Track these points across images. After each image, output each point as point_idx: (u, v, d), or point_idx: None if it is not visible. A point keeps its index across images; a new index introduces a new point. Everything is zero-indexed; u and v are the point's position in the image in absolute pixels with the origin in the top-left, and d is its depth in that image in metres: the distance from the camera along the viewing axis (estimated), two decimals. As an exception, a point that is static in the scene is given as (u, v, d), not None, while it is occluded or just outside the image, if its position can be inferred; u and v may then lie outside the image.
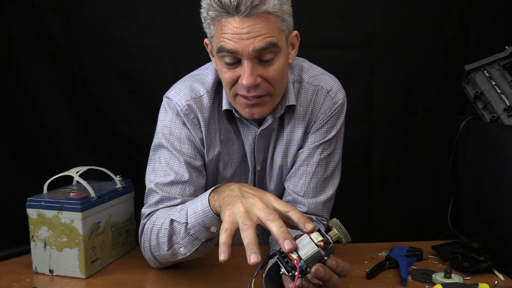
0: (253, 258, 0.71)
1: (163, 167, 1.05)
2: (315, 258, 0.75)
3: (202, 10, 0.96)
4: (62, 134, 1.75)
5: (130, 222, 1.18)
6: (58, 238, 1.01)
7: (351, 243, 0.81)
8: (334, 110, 1.11)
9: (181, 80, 1.13)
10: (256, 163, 1.13)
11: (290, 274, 0.74)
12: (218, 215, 0.85)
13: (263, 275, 0.88)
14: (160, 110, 1.11)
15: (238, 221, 0.76)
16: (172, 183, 1.04)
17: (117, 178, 1.15)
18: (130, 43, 1.71)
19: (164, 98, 1.11)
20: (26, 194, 1.04)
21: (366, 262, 1.08)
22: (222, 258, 0.73)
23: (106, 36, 1.70)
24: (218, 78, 1.07)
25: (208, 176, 1.11)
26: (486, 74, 1.15)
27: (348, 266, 0.80)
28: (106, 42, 1.70)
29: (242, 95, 0.99)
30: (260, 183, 1.17)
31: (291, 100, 1.08)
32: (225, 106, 1.06)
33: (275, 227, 0.74)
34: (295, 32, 1.03)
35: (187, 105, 1.06)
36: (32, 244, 1.04)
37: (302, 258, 0.74)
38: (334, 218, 0.79)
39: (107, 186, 1.13)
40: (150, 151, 1.10)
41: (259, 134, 1.09)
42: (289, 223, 0.78)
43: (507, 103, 1.10)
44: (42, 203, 1.01)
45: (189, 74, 1.14)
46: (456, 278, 0.95)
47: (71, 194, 1.02)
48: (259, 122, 1.09)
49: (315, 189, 1.12)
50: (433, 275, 0.97)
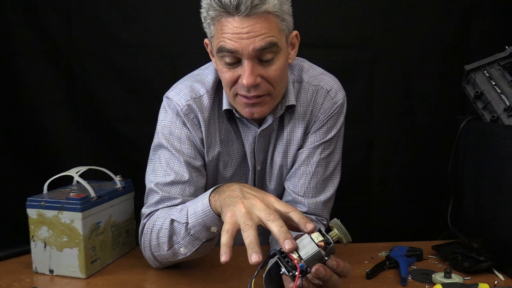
0: (254, 257, 0.71)
1: (163, 167, 1.05)
2: (316, 258, 0.75)
3: (202, 10, 0.96)
4: (62, 134, 1.75)
5: (130, 222, 1.18)
6: (58, 238, 1.01)
7: (351, 243, 0.81)
8: (334, 110, 1.11)
9: (181, 80, 1.13)
10: (256, 163, 1.13)
11: (291, 274, 0.74)
12: (218, 215, 0.85)
13: (263, 275, 0.88)
14: (160, 110, 1.11)
15: (239, 221, 0.76)
16: (172, 183, 1.04)
17: (117, 178, 1.15)
18: (130, 43, 1.71)
19: (164, 98, 1.11)
20: (26, 194, 1.04)
21: (366, 262, 1.08)
22: (224, 259, 0.73)
23: (106, 36, 1.70)
24: (218, 78, 1.07)
25: (208, 176, 1.11)
26: (486, 74, 1.15)
27: (348, 266, 0.80)
28: (106, 42, 1.70)
29: (242, 95, 0.99)
30: (260, 183, 1.17)
31: (291, 100, 1.08)
32: (225, 106, 1.06)
33: (276, 227, 0.74)
34: (295, 32, 1.02)
35: (187, 105, 1.06)
36: (32, 244, 1.04)
37: (303, 258, 0.74)
38: (335, 218, 0.79)
39: (107, 186, 1.13)
40: (150, 151, 1.10)
41: (259, 134, 1.09)
42: (289, 224, 0.78)
43: (507, 103, 1.10)
44: (42, 203, 1.02)
45: (189, 74, 1.14)
46: (456, 278, 0.95)
47: (71, 194, 1.02)
48: (259, 122, 1.09)
49: (315, 189, 1.12)
50: (433, 275, 0.97)
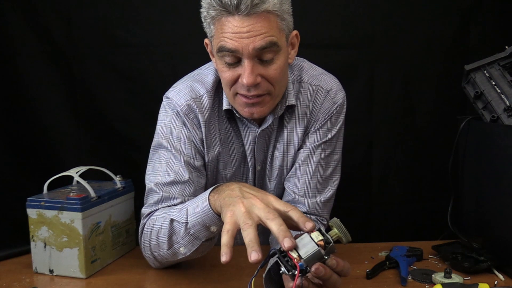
0: (254, 255, 0.71)
1: (163, 167, 1.05)
2: (315, 257, 0.75)
3: (202, 10, 0.96)
4: (62, 134, 1.75)
5: (130, 222, 1.18)
6: (58, 238, 1.01)
7: (351, 243, 0.81)
8: (334, 110, 1.11)
9: (181, 80, 1.13)
10: (256, 163, 1.13)
11: (290, 273, 0.74)
12: (218, 215, 0.85)
13: (263, 275, 0.88)
14: (160, 110, 1.11)
15: (239, 221, 0.76)
16: (172, 183, 1.04)
17: (117, 178, 1.15)
18: (130, 43, 1.70)
19: (164, 98, 1.11)
20: (26, 194, 1.04)
21: (366, 262, 1.08)
22: (224, 259, 0.73)
23: (106, 36, 1.70)
24: (218, 78, 1.07)
25: (208, 176, 1.11)
26: (486, 74, 1.15)
27: (348, 266, 0.80)
28: (106, 42, 1.70)
29: (242, 95, 0.99)
30: (260, 183, 1.17)
31: (291, 100, 1.08)
32: (225, 106, 1.06)
33: (275, 226, 0.74)
34: (295, 31, 1.03)
35: (187, 105, 1.06)
36: (32, 244, 1.04)
37: (302, 257, 0.74)
38: (335, 218, 0.79)
39: (107, 186, 1.13)
40: (150, 151, 1.10)
41: (259, 134, 1.09)
42: (289, 223, 0.78)
43: (507, 103, 1.10)
44: (42, 203, 1.01)
45: (189, 74, 1.14)
46: (456, 278, 0.95)
47: (71, 194, 1.02)
48: (259, 122, 1.09)
49: (315, 189, 1.12)
50: (433, 275, 0.97)
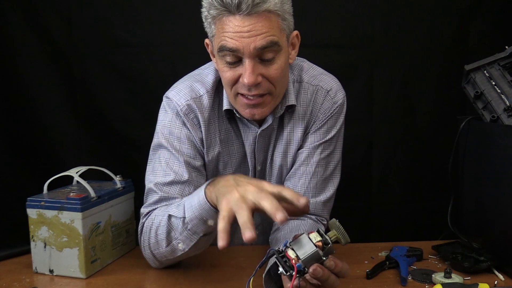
0: (248, 234, 0.71)
1: (163, 167, 1.05)
2: (314, 258, 0.75)
3: (203, 9, 0.96)
4: (62, 134, 1.75)
5: (130, 222, 1.18)
6: (58, 238, 1.01)
7: (351, 243, 0.81)
8: (334, 110, 1.11)
9: (181, 80, 1.13)
10: (256, 163, 1.13)
11: (288, 273, 0.74)
12: (214, 207, 0.85)
13: (263, 275, 0.88)
14: (160, 110, 1.11)
15: (234, 207, 0.76)
16: (171, 183, 1.04)
17: (117, 178, 1.15)
18: (130, 43, 1.70)
19: (164, 98, 1.11)
20: (26, 194, 1.04)
21: (366, 262, 1.08)
22: (221, 244, 0.73)
23: (106, 36, 1.70)
24: (218, 78, 1.07)
25: (208, 176, 1.11)
26: (486, 74, 1.15)
27: (346, 267, 0.80)
28: (106, 42, 1.70)
29: (243, 95, 0.99)
30: (260, 183, 1.16)
31: (291, 100, 1.08)
32: (225, 106, 1.06)
33: (267, 203, 0.74)
34: (296, 32, 1.03)
35: (187, 105, 1.06)
36: (32, 244, 1.04)
37: (300, 258, 0.74)
38: (334, 219, 0.79)
39: (107, 186, 1.13)
40: (150, 151, 1.10)
41: (260, 134, 1.09)
42: (286, 208, 0.77)
43: (507, 103, 1.10)
44: (42, 203, 1.01)
45: (189, 74, 1.14)
46: (456, 278, 0.95)
47: (71, 194, 1.02)
48: (260, 122, 1.09)
49: (315, 189, 1.12)
50: (433, 275, 0.97)
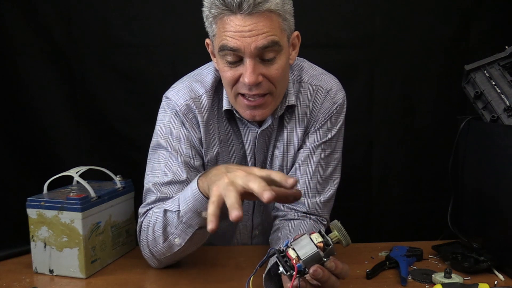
0: (234, 212, 0.72)
1: (162, 167, 1.05)
2: (314, 259, 0.75)
3: (204, 9, 0.96)
4: (62, 134, 1.75)
5: (130, 222, 1.18)
6: (58, 238, 1.01)
7: (351, 243, 0.81)
8: (334, 110, 1.11)
9: (180, 80, 1.13)
10: (256, 163, 1.13)
11: (288, 273, 0.74)
12: (207, 198, 0.85)
13: (263, 275, 0.88)
14: (159, 110, 1.11)
15: (223, 191, 0.77)
16: (170, 183, 1.04)
17: (117, 178, 1.15)
18: (130, 43, 1.70)
19: (163, 98, 1.11)
20: (26, 194, 1.04)
21: (366, 262, 1.08)
22: (210, 227, 0.74)
23: (106, 36, 1.70)
24: (217, 78, 1.07)
25: (207, 176, 1.11)
26: (486, 74, 1.15)
27: (347, 268, 0.80)
28: (106, 42, 1.70)
29: (243, 96, 0.99)
30: (259, 183, 1.16)
31: (291, 100, 1.08)
32: (225, 106, 1.06)
33: (255, 184, 0.74)
34: (296, 32, 1.03)
35: (186, 105, 1.06)
36: (32, 244, 1.04)
37: (301, 258, 0.74)
38: (336, 220, 0.79)
39: (107, 186, 1.13)
40: (149, 151, 1.11)
41: (260, 134, 1.09)
42: (278, 194, 0.77)
43: (507, 103, 1.10)
44: (42, 203, 1.01)
45: (188, 74, 1.14)
46: (456, 278, 0.95)
47: (71, 194, 1.02)
48: (259, 122, 1.09)
49: (315, 189, 1.12)
50: (433, 275, 0.97)
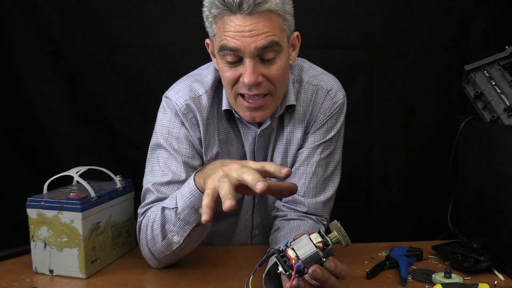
0: (227, 203, 0.72)
1: (161, 167, 1.05)
2: (313, 259, 0.74)
3: (204, 9, 0.96)
4: (62, 134, 1.75)
5: (130, 222, 1.18)
6: (58, 238, 1.01)
7: (351, 243, 0.81)
8: (334, 110, 1.11)
9: (180, 79, 1.13)
10: (256, 163, 1.13)
11: (287, 273, 0.74)
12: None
13: (263, 275, 0.88)
14: (159, 110, 1.11)
15: (217, 184, 0.77)
16: (169, 183, 1.04)
17: (117, 178, 1.15)
18: (130, 43, 1.70)
19: (163, 98, 1.11)
20: (26, 194, 1.04)
21: (366, 262, 1.08)
22: (204, 218, 0.74)
23: (106, 36, 1.70)
24: (217, 78, 1.07)
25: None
26: (486, 74, 1.15)
27: (346, 269, 0.80)
28: (106, 42, 1.70)
29: (243, 97, 0.99)
30: (259, 183, 1.16)
31: (291, 100, 1.08)
32: (225, 106, 1.06)
33: (249, 175, 0.75)
34: (296, 33, 1.03)
35: (186, 104, 1.06)
36: (32, 244, 1.04)
37: (300, 258, 0.74)
38: (335, 221, 0.79)
39: (107, 186, 1.13)
40: (148, 151, 1.11)
41: (259, 134, 1.09)
42: (273, 187, 0.77)
43: (507, 103, 1.10)
44: (42, 203, 1.01)
45: (188, 74, 1.14)
46: (456, 278, 0.95)
47: (71, 194, 1.02)
48: (259, 122, 1.09)
49: (315, 189, 1.12)
50: (433, 275, 0.97)
